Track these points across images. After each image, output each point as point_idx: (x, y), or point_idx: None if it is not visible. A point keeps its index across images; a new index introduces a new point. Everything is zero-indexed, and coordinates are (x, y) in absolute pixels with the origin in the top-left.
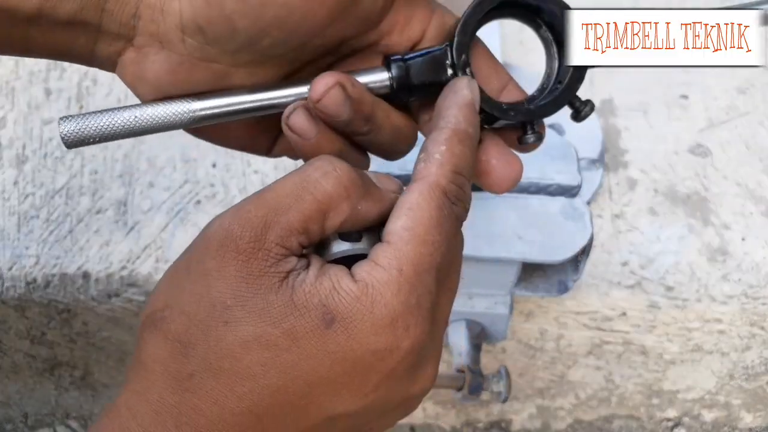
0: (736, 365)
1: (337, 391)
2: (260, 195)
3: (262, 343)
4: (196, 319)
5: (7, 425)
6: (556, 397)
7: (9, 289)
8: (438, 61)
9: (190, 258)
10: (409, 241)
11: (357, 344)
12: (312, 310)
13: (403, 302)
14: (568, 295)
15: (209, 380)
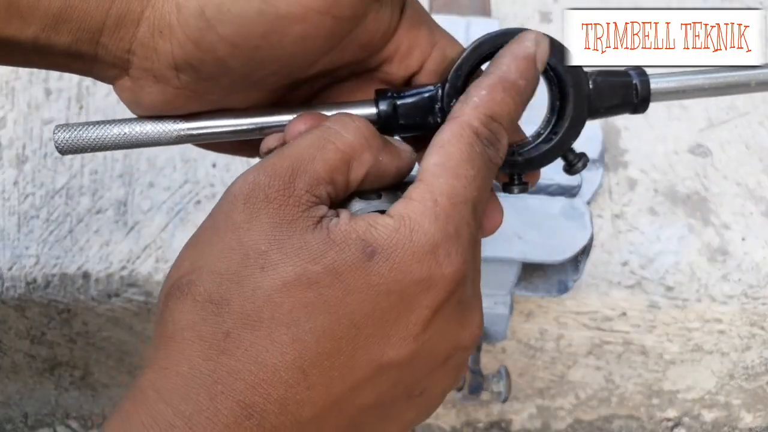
0: (736, 365)
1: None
2: (281, 150)
3: (303, 283)
4: (229, 273)
5: (7, 425)
6: (556, 397)
7: (9, 289)
8: (428, 103)
9: (215, 217)
10: (441, 174)
11: (400, 274)
12: (351, 244)
13: (441, 230)
14: (568, 295)
15: (247, 334)
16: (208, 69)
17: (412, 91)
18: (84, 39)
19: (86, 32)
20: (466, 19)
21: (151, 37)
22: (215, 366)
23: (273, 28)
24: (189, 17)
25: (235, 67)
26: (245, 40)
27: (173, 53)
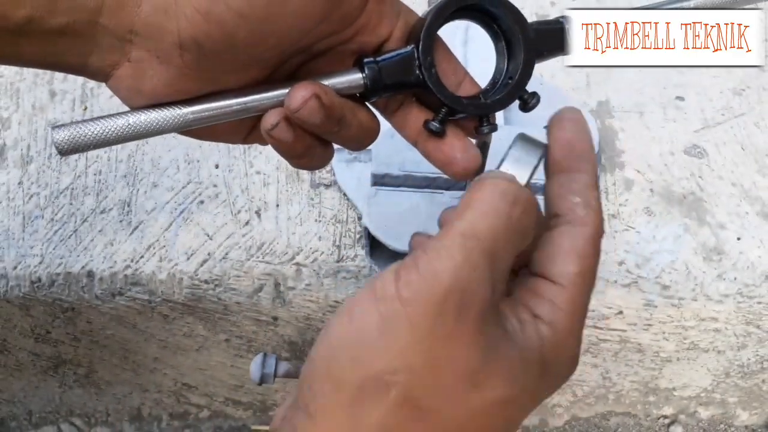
0: (732, 363)
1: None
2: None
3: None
4: (440, 384)
5: (11, 423)
6: (553, 394)
7: (14, 288)
8: (407, 62)
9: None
10: (582, 287)
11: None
12: (535, 364)
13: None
14: None
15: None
16: (213, 45)
17: (391, 54)
18: (81, 20)
19: (84, 12)
20: (465, 22)
21: (156, 16)
22: None
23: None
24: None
25: (238, 41)
26: (252, 9)
27: (179, 30)
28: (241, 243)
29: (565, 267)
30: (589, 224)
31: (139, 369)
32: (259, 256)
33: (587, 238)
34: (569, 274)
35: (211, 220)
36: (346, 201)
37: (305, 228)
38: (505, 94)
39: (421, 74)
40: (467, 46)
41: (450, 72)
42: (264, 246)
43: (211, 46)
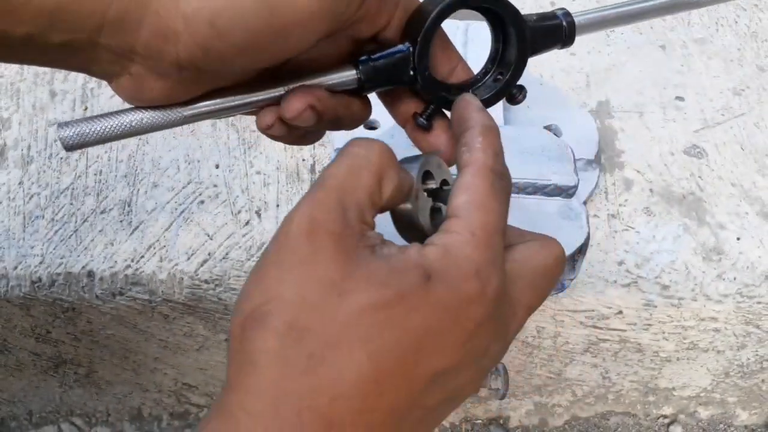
0: (732, 363)
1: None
2: (323, 183)
3: (377, 305)
4: (306, 302)
5: (11, 423)
6: (553, 394)
7: (14, 288)
8: (401, 61)
9: (279, 252)
10: (474, 210)
11: (453, 293)
12: (411, 270)
13: (482, 255)
14: (564, 293)
15: (329, 354)
16: (212, 67)
17: (386, 53)
18: (81, 39)
19: (83, 32)
20: (465, 23)
21: (155, 41)
22: (300, 385)
23: (280, 34)
24: (198, 27)
25: (237, 65)
26: (253, 45)
27: (178, 55)
28: (242, 243)
29: (455, 200)
30: (472, 162)
31: (140, 369)
32: (260, 256)
33: (473, 173)
34: (459, 203)
35: (211, 220)
36: None
37: None
38: (493, 94)
39: (415, 76)
40: (467, 47)
41: (444, 60)
42: (264, 246)
43: (209, 68)
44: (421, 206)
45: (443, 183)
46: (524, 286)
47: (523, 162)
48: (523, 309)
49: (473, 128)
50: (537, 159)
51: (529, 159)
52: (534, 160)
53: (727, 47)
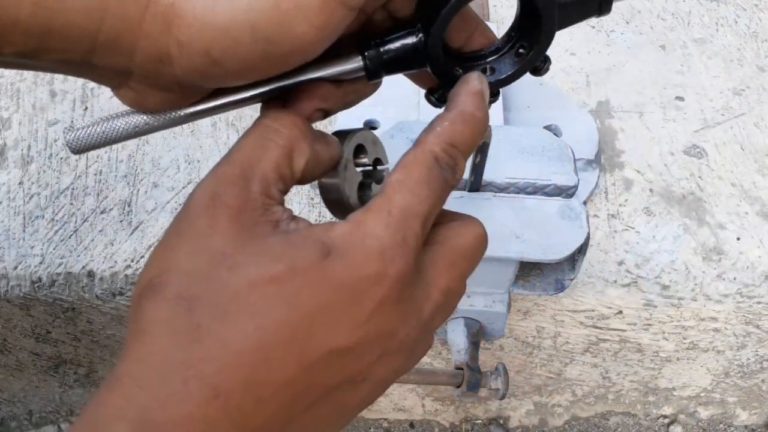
0: (732, 363)
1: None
2: (229, 157)
3: (266, 279)
4: (197, 273)
5: (11, 422)
6: (553, 394)
7: (14, 288)
8: (411, 51)
9: (179, 225)
10: (399, 190)
11: (352, 270)
12: (310, 245)
13: (391, 236)
14: (564, 293)
15: (216, 325)
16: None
17: (395, 42)
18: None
19: (76, 53)
20: None
21: (151, 64)
22: (187, 354)
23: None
24: (193, 55)
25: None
26: (251, 70)
27: (176, 75)
28: None
29: (389, 178)
30: (420, 143)
31: None
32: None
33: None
34: (390, 182)
35: None
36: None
37: None
38: (513, 72)
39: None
40: None
41: (461, 24)
42: None
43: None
44: (348, 178)
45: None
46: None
47: (523, 162)
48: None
49: (450, 111)
50: (537, 159)
51: (529, 159)
52: (534, 160)
53: (727, 47)
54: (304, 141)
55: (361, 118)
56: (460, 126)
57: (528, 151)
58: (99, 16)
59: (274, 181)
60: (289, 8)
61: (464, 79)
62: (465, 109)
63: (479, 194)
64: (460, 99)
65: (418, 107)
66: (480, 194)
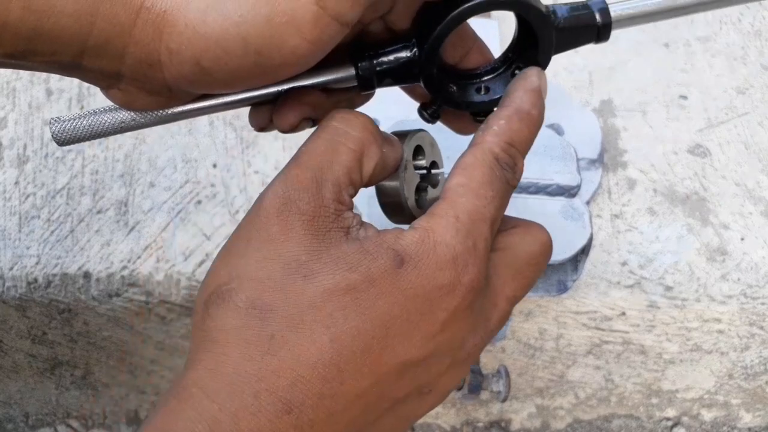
0: (735, 365)
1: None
2: (299, 159)
3: (342, 288)
4: (270, 281)
5: (8, 425)
6: (555, 396)
7: (10, 289)
8: (405, 65)
9: (249, 230)
10: (464, 194)
11: (425, 280)
12: (384, 254)
13: (461, 243)
14: (567, 294)
15: (291, 336)
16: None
17: (389, 56)
18: (63, 61)
19: (66, 55)
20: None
21: (140, 68)
22: (259, 366)
23: (267, 73)
24: (183, 63)
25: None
26: (240, 82)
27: (166, 80)
28: None
29: (450, 181)
30: (479, 143)
31: (137, 371)
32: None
33: (474, 154)
34: (452, 186)
35: (208, 221)
36: None
37: None
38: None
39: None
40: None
41: (457, 41)
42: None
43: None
44: (408, 179)
45: (432, 165)
46: (507, 276)
47: (525, 161)
48: (506, 300)
49: (505, 108)
50: (539, 158)
51: (532, 158)
52: (536, 160)
53: (730, 46)
54: (374, 144)
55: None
56: (517, 124)
57: (530, 150)
58: (89, 21)
59: (345, 186)
60: (282, 22)
61: (523, 75)
62: (522, 107)
63: None
64: (517, 95)
65: None
66: None
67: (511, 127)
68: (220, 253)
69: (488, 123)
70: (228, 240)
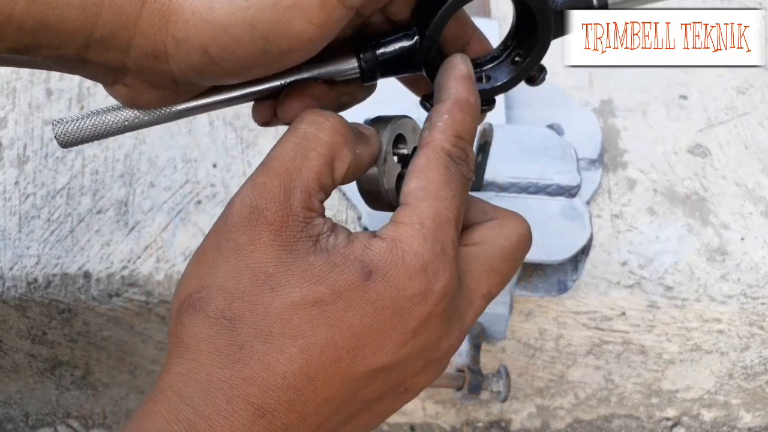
0: (735, 365)
1: (380, 341)
2: (267, 165)
3: (309, 302)
4: (239, 292)
5: (8, 425)
6: (555, 396)
7: (10, 289)
8: (407, 53)
9: (218, 239)
10: (424, 198)
11: (395, 291)
12: (351, 266)
13: (429, 250)
14: (567, 294)
15: (260, 346)
16: (207, 81)
17: (391, 45)
18: (68, 54)
19: (71, 48)
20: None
21: (146, 60)
22: (231, 373)
23: (276, 59)
24: (190, 52)
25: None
26: (247, 70)
27: (172, 72)
28: None
29: (407, 186)
30: (428, 142)
31: (136, 371)
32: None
33: (426, 155)
34: (410, 189)
35: (208, 221)
36: (346, 201)
37: None
38: (509, 79)
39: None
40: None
41: (457, 32)
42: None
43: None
44: (388, 170)
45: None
46: (482, 273)
47: (525, 161)
48: (481, 297)
49: (443, 102)
50: (539, 158)
51: (532, 158)
52: (536, 160)
53: None
54: (345, 147)
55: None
56: (459, 115)
57: (530, 150)
58: (94, 12)
59: (315, 192)
60: (288, 5)
61: (449, 64)
62: (459, 96)
63: (481, 194)
64: (450, 86)
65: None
66: (482, 194)
67: (454, 119)
68: (191, 261)
69: (431, 120)
70: (199, 247)
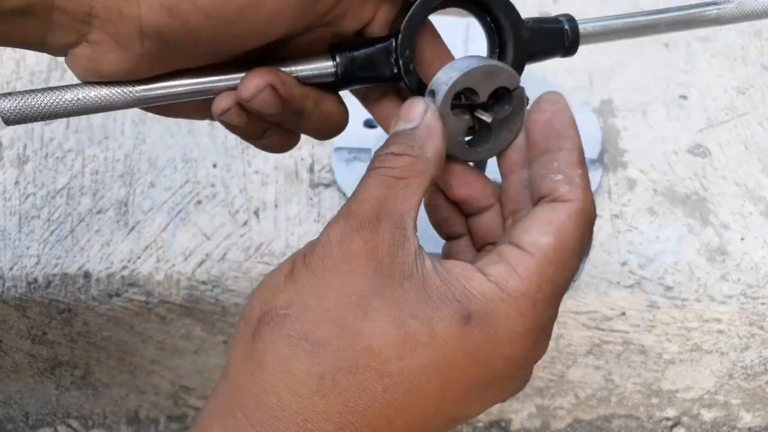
0: (735, 365)
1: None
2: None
3: (402, 334)
4: (329, 315)
5: (8, 425)
6: (555, 396)
7: (10, 289)
8: (383, 55)
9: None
10: (554, 263)
11: (492, 347)
12: (447, 303)
13: (537, 317)
14: (567, 294)
15: (342, 380)
16: (176, 38)
17: (367, 47)
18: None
19: None
20: (465, 20)
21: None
22: (305, 405)
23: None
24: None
25: (204, 39)
26: (220, 13)
27: (141, 17)
28: (239, 243)
29: (539, 237)
30: (573, 199)
31: (137, 371)
32: (258, 256)
33: (569, 213)
34: (541, 244)
35: (208, 221)
36: (343, 197)
37: (304, 228)
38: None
39: (398, 69)
40: (468, 45)
41: (435, 59)
42: (262, 246)
43: (173, 39)
44: (452, 129)
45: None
46: None
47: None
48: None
49: (570, 151)
50: None
51: None
52: None
53: (731, 45)
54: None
55: (360, 118)
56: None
57: None
58: None
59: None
60: None
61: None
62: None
63: None
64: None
65: None
66: None
67: (586, 175)
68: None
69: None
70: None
